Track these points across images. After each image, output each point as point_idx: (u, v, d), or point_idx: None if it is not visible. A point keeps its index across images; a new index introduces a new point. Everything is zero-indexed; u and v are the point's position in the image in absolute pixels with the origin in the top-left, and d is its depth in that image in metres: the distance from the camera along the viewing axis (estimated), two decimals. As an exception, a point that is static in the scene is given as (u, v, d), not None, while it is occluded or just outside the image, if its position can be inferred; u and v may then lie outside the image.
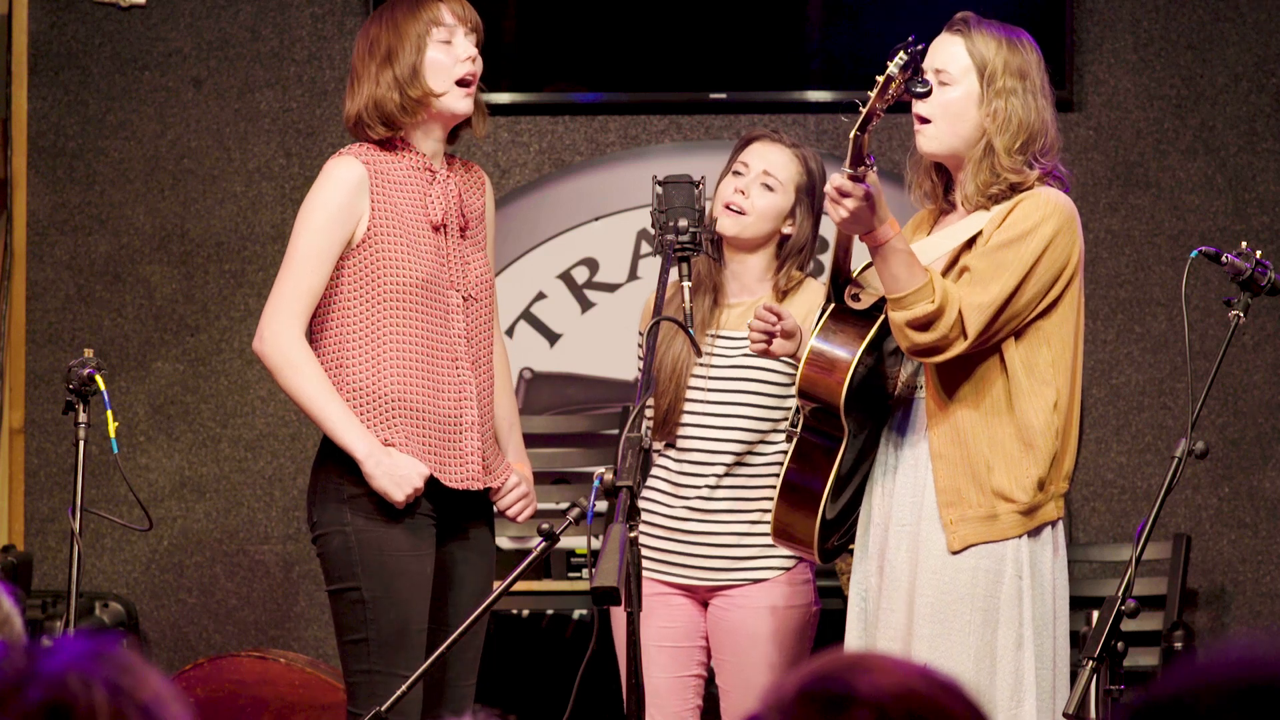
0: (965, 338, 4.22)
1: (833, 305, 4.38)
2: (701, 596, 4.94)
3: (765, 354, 4.54)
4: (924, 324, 4.18)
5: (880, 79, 4.00)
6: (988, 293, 4.23)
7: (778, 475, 4.88)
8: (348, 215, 4.59)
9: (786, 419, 4.90)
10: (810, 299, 4.91)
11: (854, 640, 4.42)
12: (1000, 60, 4.33)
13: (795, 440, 4.42)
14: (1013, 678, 4.26)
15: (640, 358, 5.09)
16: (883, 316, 4.32)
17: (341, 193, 4.60)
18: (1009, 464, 4.28)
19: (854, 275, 4.40)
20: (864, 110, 4.02)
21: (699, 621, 4.94)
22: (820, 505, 4.36)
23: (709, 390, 4.90)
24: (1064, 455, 4.34)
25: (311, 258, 4.59)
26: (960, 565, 4.28)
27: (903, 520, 4.34)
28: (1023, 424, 4.29)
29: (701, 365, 4.91)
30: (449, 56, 4.62)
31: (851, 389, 4.29)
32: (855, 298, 4.37)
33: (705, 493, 4.90)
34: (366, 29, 4.67)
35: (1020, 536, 4.29)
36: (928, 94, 4.16)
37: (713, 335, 4.91)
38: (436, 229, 4.63)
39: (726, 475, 4.89)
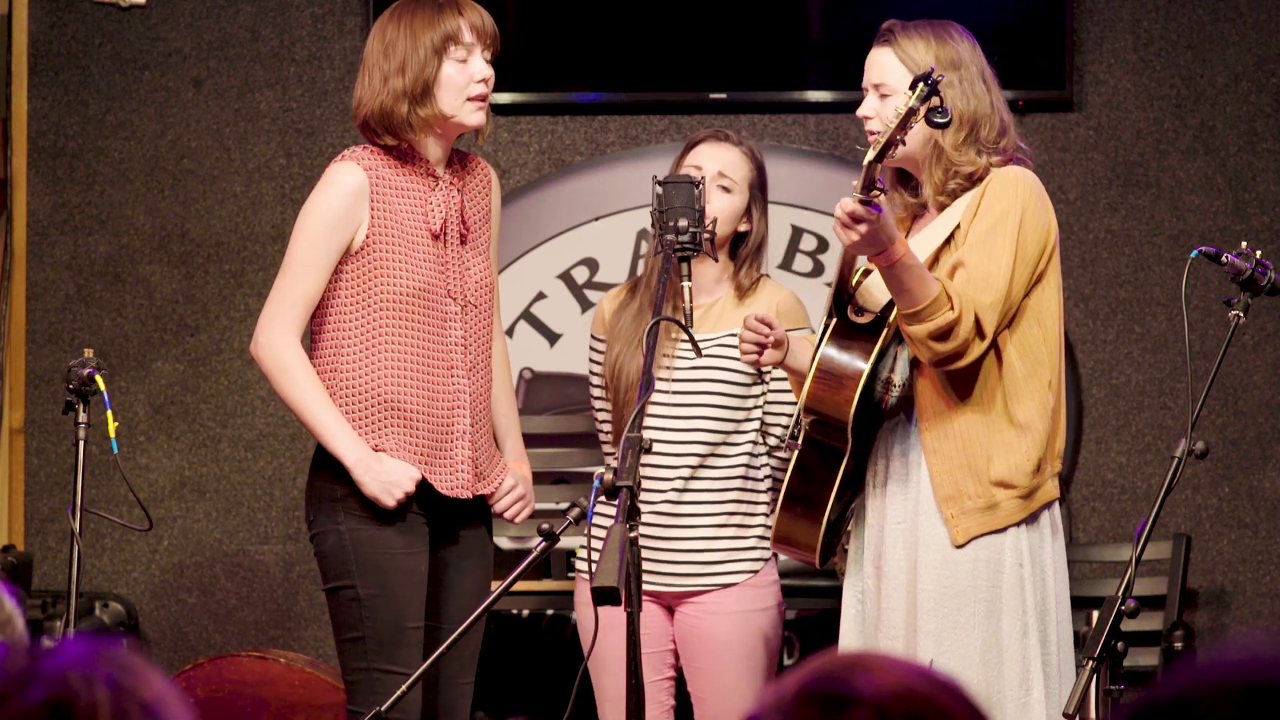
0: (983, 338, 4.22)
1: (835, 321, 4.38)
2: (667, 602, 4.92)
3: (755, 364, 4.54)
4: (945, 333, 4.18)
5: (902, 110, 3.99)
6: (993, 288, 4.23)
7: (744, 478, 4.87)
8: (346, 222, 4.58)
9: (748, 418, 4.89)
10: (770, 297, 4.91)
11: (851, 643, 4.42)
12: (930, 58, 4.32)
13: (797, 452, 4.42)
14: (1020, 666, 4.27)
15: (592, 360, 5.08)
16: (886, 332, 4.31)
17: (341, 199, 4.59)
18: (1007, 451, 4.28)
19: (855, 291, 4.39)
20: (883, 140, 4.02)
21: (667, 626, 4.93)
22: (824, 514, 4.35)
23: (670, 394, 4.89)
24: (1056, 433, 4.35)
25: (309, 264, 4.58)
26: (960, 558, 4.28)
27: (898, 518, 4.34)
28: (1019, 409, 4.29)
29: (664, 369, 4.89)
30: (463, 75, 4.59)
31: (859, 405, 4.29)
32: (859, 312, 4.36)
33: (672, 496, 4.88)
34: (384, 26, 4.61)
35: (1020, 524, 4.29)
36: (948, 124, 4.12)
37: (673, 339, 4.90)
38: (436, 237, 4.62)
39: (692, 479, 4.87)
